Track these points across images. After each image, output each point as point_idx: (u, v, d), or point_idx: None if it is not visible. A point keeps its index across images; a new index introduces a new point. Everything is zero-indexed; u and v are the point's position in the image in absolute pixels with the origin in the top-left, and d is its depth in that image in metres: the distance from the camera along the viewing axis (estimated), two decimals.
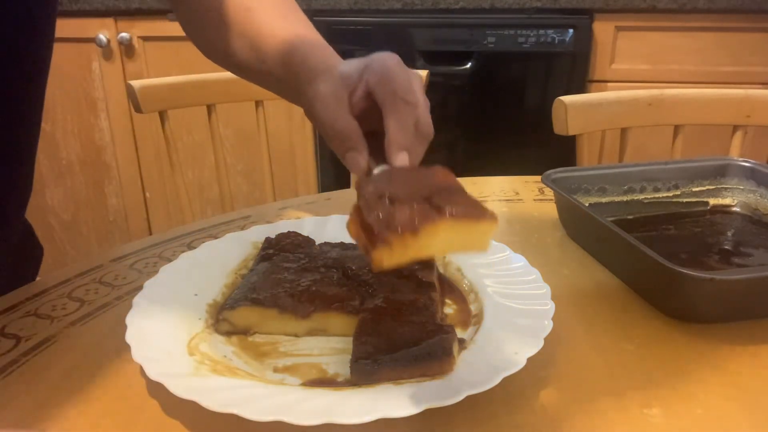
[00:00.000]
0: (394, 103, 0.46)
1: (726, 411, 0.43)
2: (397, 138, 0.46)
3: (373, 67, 0.48)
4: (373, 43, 1.68)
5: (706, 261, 0.64)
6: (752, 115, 1.06)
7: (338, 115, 0.48)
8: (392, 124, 0.46)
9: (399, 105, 0.46)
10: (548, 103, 1.05)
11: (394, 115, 0.46)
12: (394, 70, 0.47)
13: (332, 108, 0.48)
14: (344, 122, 0.48)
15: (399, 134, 0.46)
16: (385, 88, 0.47)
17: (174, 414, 0.42)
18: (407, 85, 0.47)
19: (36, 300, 0.57)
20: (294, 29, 0.59)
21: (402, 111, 0.46)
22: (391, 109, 0.46)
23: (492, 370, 0.41)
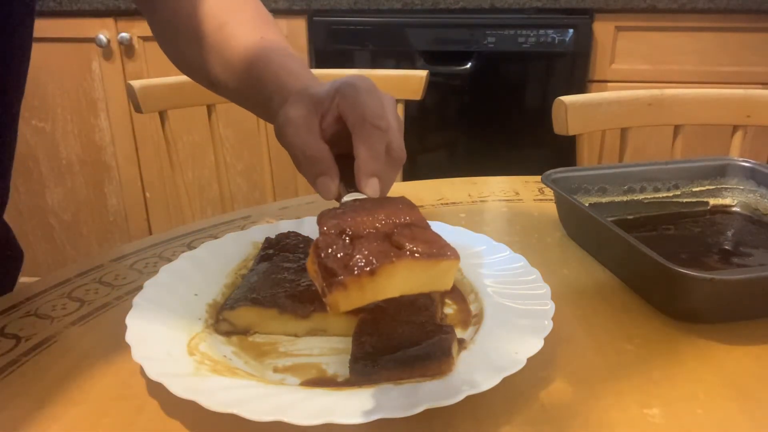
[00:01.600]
0: (363, 129, 0.45)
1: (726, 411, 0.43)
2: (367, 164, 0.45)
3: (344, 91, 0.47)
4: (373, 43, 1.68)
5: (706, 261, 0.64)
6: (752, 115, 1.06)
7: (309, 141, 0.47)
8: (362, 150, 0.45)
9: (369, 130, 0.45)
10: (548, 103, 1.05)
11: (363, 140, 0.45)
12: (365, 95, 0.47)
13: (303, 133, 0.47)
14: (315, 148, 0.47)
15: (369, 160, 0.45)
16: (355, 113, 0.46)
17: (174, 414, 0.42)
18: (378, 110, 0.46)
19: (36, 300, 0.57)
20: (267, 47, 0.58)
21: (372, 136, 0.45)
22: (361, 134, 0.46)
23: (492, 370, 0.41)
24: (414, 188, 0.86)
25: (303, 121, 0.47)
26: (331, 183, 0.47)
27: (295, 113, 0.48)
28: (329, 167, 0.47)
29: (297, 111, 0.48)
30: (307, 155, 0.47)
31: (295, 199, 0.80)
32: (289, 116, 0.48)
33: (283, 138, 0.49)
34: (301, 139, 0.47)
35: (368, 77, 0.49)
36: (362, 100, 0.46)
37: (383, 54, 1.70)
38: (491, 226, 0.74)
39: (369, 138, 0.45)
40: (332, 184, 0.47)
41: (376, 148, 0.45)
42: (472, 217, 0.75)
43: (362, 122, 0.46)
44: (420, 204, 0.78)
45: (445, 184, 0.85)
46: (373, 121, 0.45)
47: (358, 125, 0.46)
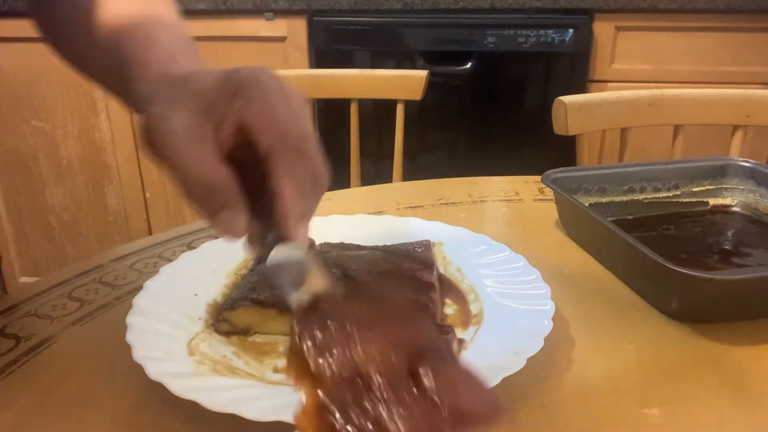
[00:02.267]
0: (285, 154, 0.35)
1: (726, 411, 0.43)
2: (295, 205, 0.35)
3: (249, 94, 0.35)
4: (373, 43, 1.68)
5: (706, 261, 0.64)
6: (752, 115, 1.06)
7: (203, 161, 0.34)
8: (287, 186, 0.35)
9: (292, 158, 0.35)
10: (548, 103, 1.05)
11: (287, 171, 0.35)
12: (278, 101, 0.35)
13: (193, 150, 0.34)
14: (213, 171, 0.34)
15: (297, 200, 0.35)
16: (272, 130, 0.35)
17: (174, 414, 0.42)
18: (300, 126, 0.36)
19: (36, 300, 0.56)
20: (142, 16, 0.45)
21: (297, 165, 0.35)
22: (283, 162, 0.35)
23: (492, 370, 0.41)
24: (414, 188, 0.86)
25: (192, 132, 0.34)
26: (237, 219, 0.35)
27: (179, 121, 0.34)
28: (233, 198, 0.35)
29: (180, 117, 0.35)
30: (202, 182, 0.34)
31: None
32: (170, 124, 0.34)
33: (157, 149, 0.35)
34: (191, 158, 0.34)
35: (268, 67, 0.37)
36: (277, 110, 0.35)
37: (383, 54, 1.70)
38: (491, 226, 0.74)
39: (294, 168, 0.35)
40: (240, 220, 0.36)
41: (304, 182, 0.36)
42: (472, 217, 0.75)
43: (283, 146, 0.35)
44: (420, 204, 0.78)
45: (445, 184, 0.85)
46: (299, 144, 0.35)
47: (277, 149, 0.35)
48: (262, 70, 0.37)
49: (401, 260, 0.55)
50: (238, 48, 1.75)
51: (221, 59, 1.76)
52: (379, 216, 0.68)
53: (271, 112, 0.35)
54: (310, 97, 1.22)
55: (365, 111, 1.49)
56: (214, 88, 0.36)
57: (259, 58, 1.74)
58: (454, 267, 0.59)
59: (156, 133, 0.35)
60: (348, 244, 0.60)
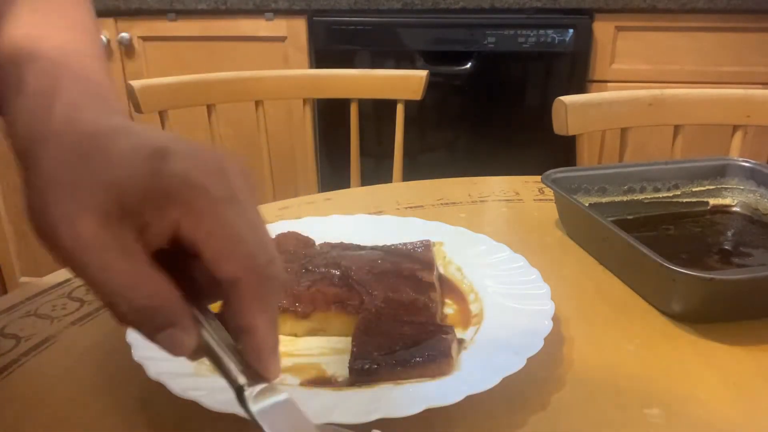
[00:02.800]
0: (256, 288, 0.29)
1: (726, 411, 0.43)
2: (269, 340, 0.30)
3: (191, 206, 0.27)
4: (373, 43, 1.68)
5: (706, 261, 0.64)
6: (752, 115, 1.06)
7: (132, 277, 0.27)
8: (261, 322, 0.29)
9: (264, 289, 0.29)
10: (548, 103, 1.05)
11: (261, 307, 0.29)
12: (237, 219, 0.28)
13: (114, 263, 0.27)
14: (147, 288, 0.27)
15: (270, 334, 0.30)
16: (237, 262, 0.28)
17: (174, 414, 0.42)
18: (267, 251, 0.29)
19: (36, 300, 0.56)
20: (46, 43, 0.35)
21: (269, 296, 0.29)
22: (256, 297, 0.29)
23: (492, 370, 0.41)
24: (414, 188, 0.86)
25: (108, 241, 0.27)
26: (185, 337, 0.28)
27: (87, 227, 0.26)
28: (177, 314, 0.28)
29: (89, 222, 0.26)
30: (135, 305, 0.27)
31: (295, 199, 0.80)
32: (76, 229, 0.26)
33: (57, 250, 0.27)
34: (112, 274, 0.27)
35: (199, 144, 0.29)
36: (238, 232, 0.28)
37: (383, 54, 1.70)
38: (491, 226, 0.74)
39: (265, 299, 0.29)
40: (187, 338, 0.29)
41: (275, 311, 0.30)
42: (472, 217, 0.75)
43: (252, 275, 0.28)
44: (420, 204, 0.78)
45: (445, 184, 0.85)
46: (268, 271, 0.29)
47: (246, 281, 0.29)
48: (191, 150, 0.28)
49: (401, 260, 0.56)
50: (238, 48, 1.75)
51: (221, 59, 1.76)
52: (379, 216, 0.68)
53: (230, 235, 0.28)
54: (309, 98, 1.22)
55: (365, 111, 1.49)
56: (134, 186, 0.27)
57: (259, 58, 1.74)
58: (454, 267, 0.59)
59: (54, 230, 0.27)
60: (348, 244, 0.60)
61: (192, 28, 1.75)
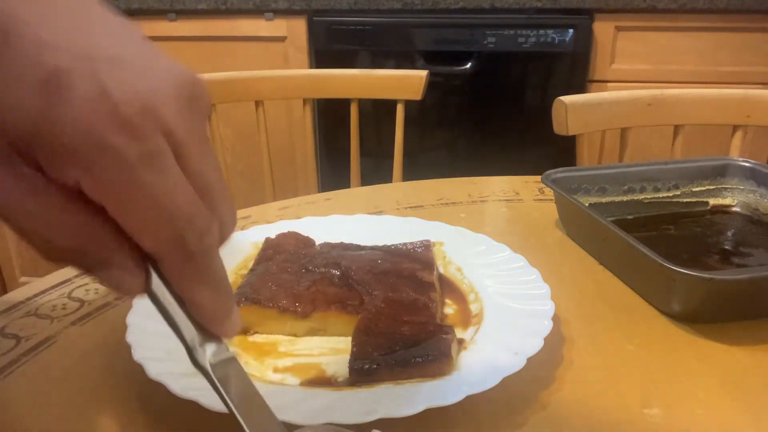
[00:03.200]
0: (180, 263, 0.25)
1: (726, 411, 0.43)
2: (216, 310, 0.27)
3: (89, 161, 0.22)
4: (373, 43, 1.68)
5: (706, 261, 0.64)
6: (752, 115, 1.06)
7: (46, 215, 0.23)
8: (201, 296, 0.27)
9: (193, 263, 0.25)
10: (548, 103, 1.05)
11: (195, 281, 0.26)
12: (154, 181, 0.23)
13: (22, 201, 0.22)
14: (68, 227, 0.23)
15: (217, 304, 0.27)
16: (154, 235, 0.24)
17: (174, 414, 0.42)
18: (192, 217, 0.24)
19: (36, 300, 0.56)
20: None
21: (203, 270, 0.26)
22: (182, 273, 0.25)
23: (492, 370, 0.41)
24: (414, 188, 0.86)
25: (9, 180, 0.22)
26: (126, 278, 0.25)
27: None
28: (114, 254, 0.24)
29: None
30: (56, 244, 0.23)
31: (295, 199, 0.80)
32: None
33: None
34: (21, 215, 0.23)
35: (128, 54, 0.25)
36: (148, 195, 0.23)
37: (383, 54, 1.70)
38: (491, 226, 0.74)
39: (199, 273, 0.26)
40: (129, 280, 0.25)
41: (218, 279, 0.27)
42: (472, 217, 0.75)
43: (175, 251, 0.24)
44: (420, 204, 0.78)
45: (445, 184, 0.85)
46: (196, 245, 0.24)
47: (167, 257, 0.25)
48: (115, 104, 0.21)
49: (401, 260, 0.56)
50: (238, 48, 1.75)
51: (221, 59, 1.76)
52: (379, 216, 0.68)
53: (146, 206, 0.23)
54: (309, 98, 1.22)
55: (365, 111, 1.49)
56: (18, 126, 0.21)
57: (259, 58, 1.74)
58: (454, 267, 0.59)
59: None
60: (348, 244, 0.60)
61: (192, 28, 1.75)
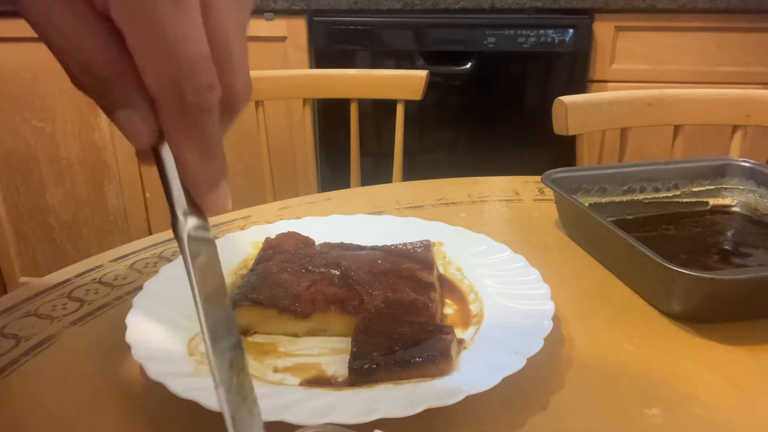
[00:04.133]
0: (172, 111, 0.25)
1: (726, 411, 0.43)
2: (200, 174, 0.27)
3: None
4: (373, 43, 1.68)
5: (706, 261, 0.64)
6: (752, 115, 1.06)
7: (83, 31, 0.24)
8: (187, 154, 0.26)
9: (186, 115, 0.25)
10: (548, 103, 1.05)
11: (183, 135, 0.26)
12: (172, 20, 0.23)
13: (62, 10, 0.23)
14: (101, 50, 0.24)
15: (202, 168, 0.26)
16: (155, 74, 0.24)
17: (174, 414, 0.42)
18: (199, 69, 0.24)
19: (36, 300, 0.56)
20: None
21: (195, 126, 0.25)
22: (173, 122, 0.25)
23: (492, 370, 0.41)
24: (414, 188, 0.86)
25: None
26: (135, 124, 0.25)
27: None
28: (136, 97, 0.25)
29: None
30: (81, 61, 0.24)
31: (295, 199, 0.80)
32: None
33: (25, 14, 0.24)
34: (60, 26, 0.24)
35: None
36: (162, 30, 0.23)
37: (383, 54, 1.70)
38: (491, 226, 0.74)
39: (190, 127, 0.25)
40: (144, 126, 0.25)
41: (209, 142, 0.26)
42: (472, 217, 0.75)
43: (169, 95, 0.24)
44: (420, 204, 0.78)
45: (445, 184, 0.85)
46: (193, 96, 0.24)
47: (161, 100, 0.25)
48: None
49: (401, 260, 0.56)
50: None
51: None
52: (379, 216, 0.68)
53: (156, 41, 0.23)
54: (309, 98, 1.22)
55: (365, 111, 1.49)
56: None
57: (259, 58, 1.74)
58: (454, 267, 0.59)
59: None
60: (348, 244, 0.60)
61: None
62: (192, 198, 0.28)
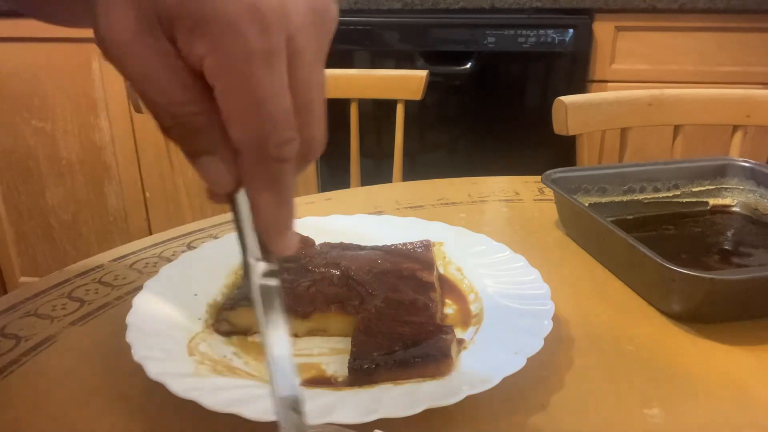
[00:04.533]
0: (254, 162, 0.26)
1: (726, 411, 0.43)
2: (275, 220, 0.28)
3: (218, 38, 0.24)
4: (373, 43, 1.68)
5: (706, 261, 0.64)
6: (752, 115, 1.06)
7: (171, 80, 0.25)
8: (263, 201, 0.27)
9: (266, 167, 0.26)
10: (548, 103, 1.05)
11: (261, 184, 0.27)
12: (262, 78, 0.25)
13: (154, 61, 0.25)
14: (189, 95, 0.26)
15: (275, 215, 0.28)
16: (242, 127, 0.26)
17: (174, 414, 0.42)
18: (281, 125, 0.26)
19: (36, 300, 0.56)
20: None
21: (272, 177, 0.27)
22: (254, 172, 0.27)
23: (492, 370, 0.41)
24: (414, 188, 0.86)
25: (148, 39, 0.25)
26: (218, 170, 0.27)
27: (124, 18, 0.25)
28: (221, 142, 0.26)
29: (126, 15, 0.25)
30: (171, 109, 0.26)
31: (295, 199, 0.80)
32: (113, 21, 0.25)
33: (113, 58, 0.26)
34: (152, 70, 0.25)
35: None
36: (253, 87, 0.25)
37: (383, 54, 1.70)
38: (491, 226, 0.74)
39: (268, 177, 0.27)
40: (225, 172, 0.27)
41: (284, 191, 0.28)
42: (472, 217, 0.75)
43: (254, 148, 0.26)
44: (420, 204, 0.78)
45: (445, 184, 0.85)
46: (274, 150, 0.26)
47: (246, 152, 0.26)
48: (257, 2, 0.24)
49: (401, 260, 0.56)
50: None
51: None
52: (379, 216, 0.68)
53: (246, 97, 0.25)
54: None
55: (365, 111, 1.49)
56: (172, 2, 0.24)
57: None
58: (454, 267, 0.59)
59: (104, 34, 0.25)
60: (348, 244, 0.60)
61: None
62: (263, 241, 0.29)
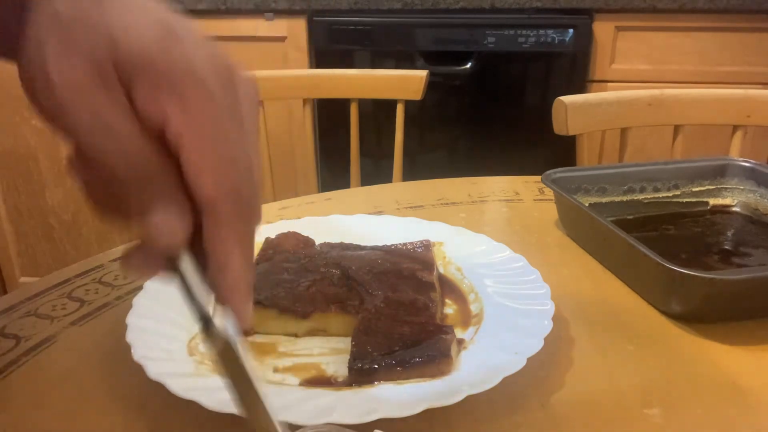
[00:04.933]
0: (234, 221, 0.26)
1: (726, 411, 0.43)
2: (244, 281, 0.27)
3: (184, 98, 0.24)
4: (373, 43, 1.68)
5: (706, 261, 0.64)
6: (752, 115, 1.06)
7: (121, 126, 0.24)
8: (236, 260, 0.26)
9: (243, 223, 0.26)
10: (548, 103, 1.05)
11: (237, 242, 0.26)
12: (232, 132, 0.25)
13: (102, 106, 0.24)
14: (144, 150, 0.24)
15: (245, 274, 0.27)
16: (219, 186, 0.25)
17: (174, 414, 0.42)
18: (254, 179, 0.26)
19: (36, 300, 0.56)
20: None
21: (246, 230, 0.26)
22: (232, 231, 0.26)
23: (492, 370, 0.41)
24: (414, 188, 0.86)
25: (95, 84, 0.23)
26: (176, 224, 0.26)
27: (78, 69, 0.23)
28: (174, 193, 0.25)
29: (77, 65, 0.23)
30: (121, 157, 0.24)
31: (295, 199, 0.80)
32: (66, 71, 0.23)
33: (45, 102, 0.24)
34: (99, 117, 0.24)
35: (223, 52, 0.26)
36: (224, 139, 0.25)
37: (383, 54, 1.70)
38: (491, 226, 0.74)
39: (244, 235, 0.26)
40: (179, 226, 0.26)
41: (251, 247, 0.27)
42: (472, 217, 0.75)
43: (234, 207, 0.26)
44: (420, 204, 0.78)
45: (445, 184, 0.85)
46: (249, 200, 0.26)
47: (225, 210, 0.25)
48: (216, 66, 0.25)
49: (401, 260, 0.56)
50: (238, 48, 1.75)
51: None
52: (379, 216, 0.68)
53: (219, 148, 0.25)
54: (309, 98, 1.22)
55: (365, 111, 1.49)
56: (136, 52, 0.24)
57: (259, 58, 1.74)
58: (454, 267, 0.59)
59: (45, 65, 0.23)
60: (348, 244, 0.60)
61: None
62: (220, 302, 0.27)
